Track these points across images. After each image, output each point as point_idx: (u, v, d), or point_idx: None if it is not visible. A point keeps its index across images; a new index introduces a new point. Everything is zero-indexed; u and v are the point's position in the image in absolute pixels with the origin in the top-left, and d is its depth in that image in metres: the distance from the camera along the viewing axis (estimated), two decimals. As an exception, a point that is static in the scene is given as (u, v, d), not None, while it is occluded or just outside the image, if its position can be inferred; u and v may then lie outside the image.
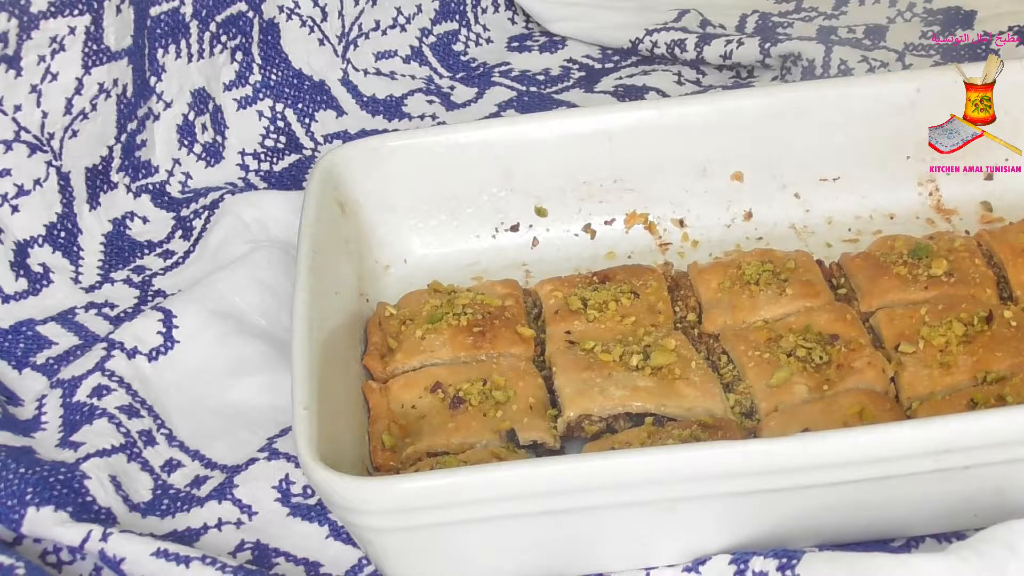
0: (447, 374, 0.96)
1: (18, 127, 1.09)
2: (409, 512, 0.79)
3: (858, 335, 0.95)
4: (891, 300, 0.99)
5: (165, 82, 1.21)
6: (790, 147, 1.12)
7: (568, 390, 0.93)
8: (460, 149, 1.11)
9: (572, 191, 1.13)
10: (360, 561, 0.88)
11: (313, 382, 0.86)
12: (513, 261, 1.12)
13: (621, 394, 0.92)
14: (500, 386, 0.94)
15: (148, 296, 1.12)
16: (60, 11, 1.08)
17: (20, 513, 0.88)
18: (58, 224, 1.12)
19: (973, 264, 1.00)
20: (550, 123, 1.12)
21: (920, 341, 0.94)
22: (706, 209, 1.14)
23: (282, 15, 1.29)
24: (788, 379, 0.92)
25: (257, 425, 0.99)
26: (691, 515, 0.81)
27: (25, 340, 1.06)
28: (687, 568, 0.84)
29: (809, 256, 1.05)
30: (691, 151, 1.12)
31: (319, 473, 0.79)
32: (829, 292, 1.01)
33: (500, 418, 0.92)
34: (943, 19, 1.39)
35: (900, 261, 1.01)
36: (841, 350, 0.94)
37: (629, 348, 0.95)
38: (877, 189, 1.13)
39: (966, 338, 0.93)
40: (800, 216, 1.13)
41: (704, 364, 0.95)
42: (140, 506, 0.93)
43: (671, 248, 1.13)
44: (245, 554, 0.89)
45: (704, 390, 0.92)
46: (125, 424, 0.96)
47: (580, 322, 1.00)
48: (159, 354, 1.03)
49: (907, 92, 1.11)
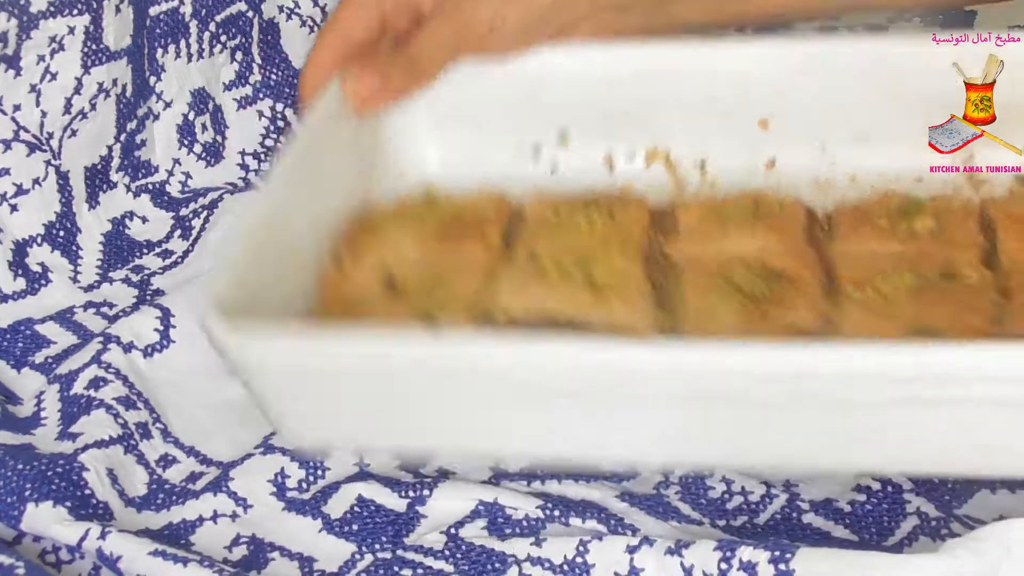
0: (402, 268, 0.95)
1: (17, 127, 1.09)
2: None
3: (809, 276, 0.93)
4: (865, 250, 0.97)
5: (165, 82, 1.22)
6: (820, 100, 1.08)
7: (494, 285, 0.93)
8: (487, 70, 1.10)
9: (597, 124, 1.12)
10: (353, 556, 0.89)
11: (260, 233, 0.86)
12: (530, 187, 1.10)
13: (541, 294, 0.91)
14: (444, 282, 0.93)
15: (147, 295, 1.12)
16: (60, 11, 1.09)
17: (20, 509, 0.88)
18: (57, 223, 1.13)
19: (964, 227, 0.98)
20: (581, 54, 1.11)
21: (868, 288, 0.92)
22: (728, 153, 1.11)
23: (282, 15, 1.29)
24: (718, 306, 0.90)
25: (254, 423, 0.99)
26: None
27: (24, 340, 1.07)
28: (669, 550, 0.83)
29: (797, 202, 1.03)
30: (718, 93, 1.10)
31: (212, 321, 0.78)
32: (799, 235, 0.99)
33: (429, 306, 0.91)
34: (943, 19, 1.39)
35: (885, 214, 0.99)
36: (785, 286, 0.92)
37: (574, 260, 0.94)
38: (908, 150, 1.08)
39: (915, 291, 0.90)
40: (824, 169, 1.09)
41: (645, 285, 0.94)
42: (136, 500, 0.93)
43: (689, 189, 1.12)
44: (241, 548, 0.90)
45: (633, 306, 0.91)
46: (123, 415, 0.97)
47: (546, 235, 0.99)
48: (154, 351, 1.03)
49: (947, 56, 1.07)
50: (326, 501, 0.92)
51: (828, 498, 0.90)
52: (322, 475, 0.94)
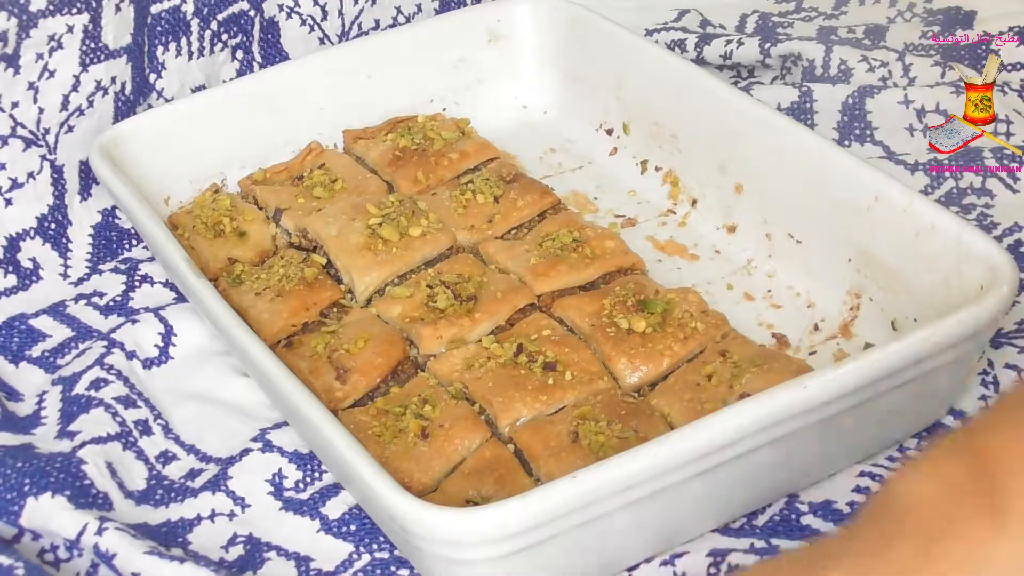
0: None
1: (14, 123, 1.09)
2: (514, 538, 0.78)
3: (476, 286, 1.03)
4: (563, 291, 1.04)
5: (165, 79, 1.22)
6: (782, 185, 1.08)
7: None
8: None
9: (653, 126, 1.19)
10: (351, 556, 0.89)
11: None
12: (585, 159, 1.24)
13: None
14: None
15: (135, 282, 1.13)
16: (59, 9, 1.09)
17: (19, 505, 0.88)
18: (49, 216, 1.13)
19: (663, 340, 0.98)
20: (659, 55, 1.19)
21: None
22: (713, 204, 1.15)
23: (282, 14, 1.29)
24: (411, 295, 1.03)
25: (251, 417, 1.00)
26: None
27: (19, 334, 1.07)
28: (664, 562, 0.85)
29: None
30: (720, 142, 1.13)
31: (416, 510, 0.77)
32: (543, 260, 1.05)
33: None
34: (943, 19, 1.39)
35: (621, 294, 1.02)
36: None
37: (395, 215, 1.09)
38: (814, 274, 1.06)
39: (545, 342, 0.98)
40: (761, 257, 1.10)
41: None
42: (135, 494, 0.93)
43: (671, 218, 1.16)
44: (237, 547, 0.90)
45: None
46: (121, 414, 0.97)
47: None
48: (152, 365, 1.04)
49: (867, 196, 1.01)
50: (324, 502, 0.92)
51: (827, 499, 0.90)
52: (319, 476, 0.94)
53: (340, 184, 1.15)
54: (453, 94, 1.27)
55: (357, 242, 1.06)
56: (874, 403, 0.86)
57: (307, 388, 0.86)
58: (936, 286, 0.95)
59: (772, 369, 0.93)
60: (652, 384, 0.96)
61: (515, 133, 1.26)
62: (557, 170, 1.23)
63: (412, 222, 1.08)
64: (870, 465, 0.92)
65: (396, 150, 1.19)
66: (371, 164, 1.19)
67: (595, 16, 1.24)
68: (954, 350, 0.87)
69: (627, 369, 0.97)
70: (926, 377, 0.87)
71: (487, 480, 0.88)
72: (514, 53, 1.28)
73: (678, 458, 0.79)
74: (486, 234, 1.11)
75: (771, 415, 0.80)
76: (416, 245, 1.07)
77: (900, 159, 1.21)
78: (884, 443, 0.93)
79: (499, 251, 1.08)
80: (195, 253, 1.08)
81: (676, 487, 0.80)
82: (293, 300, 1.02)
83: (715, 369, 0.95)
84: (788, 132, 1.06)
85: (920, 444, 0.93)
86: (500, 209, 1.12)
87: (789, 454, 0.85)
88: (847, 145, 1.24)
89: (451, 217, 1.11)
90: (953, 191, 1.17)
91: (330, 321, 1.02)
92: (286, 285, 1.03)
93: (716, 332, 0.99)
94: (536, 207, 1.13)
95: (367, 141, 1.21)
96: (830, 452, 0.89)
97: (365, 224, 1.08)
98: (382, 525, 0.87)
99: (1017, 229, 1.12)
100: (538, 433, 0.91)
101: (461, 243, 1.10)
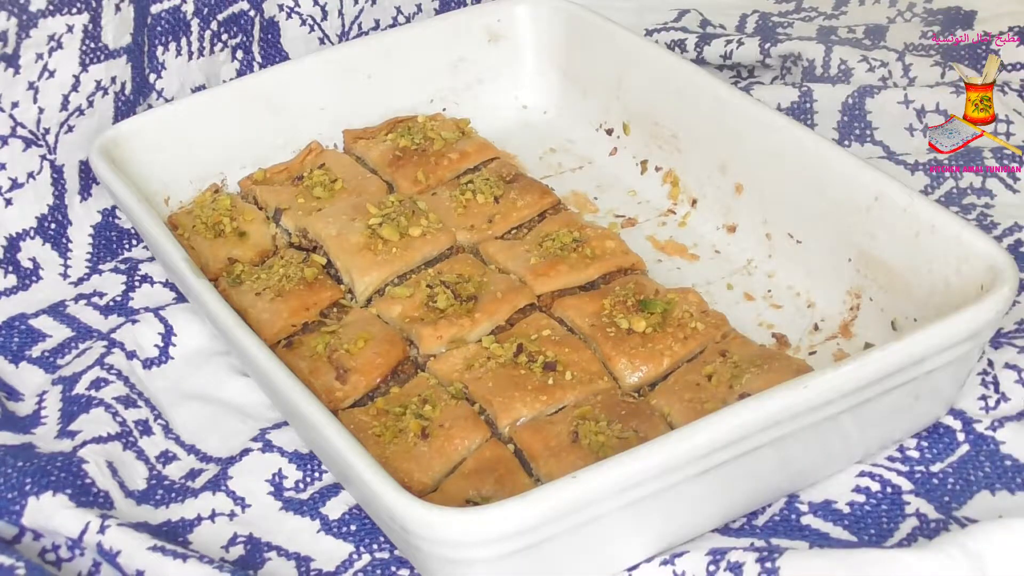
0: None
1: (15, 123, 1.09)
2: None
3: (476, 286, 1.03)
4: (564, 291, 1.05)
5: (165, 79, 1.22)
6: (782, 185, 1.08)
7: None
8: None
9: (653, 126, 1.19)
10: (351, 556, 0.89)
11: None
12: (585, 159, 1.24)
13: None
14: None
15: (135, 282, 1.13)
16: (59, 9, 1.09)
17: (21, 504, 0.88)
18: (49, 216, 1.13)
19: (663, 340, 0.98)
20: (659, 55, 1.20)
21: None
22: (713, 204, 1.15)
23: (282, 14, 1.30)
24: (411, 295, 1.03)
25: (251, 417, 1.00)
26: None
27: (19, 334, 1.07)
28: (664, 561, 0.85)
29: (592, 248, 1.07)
30: (720, 142, 1.13)
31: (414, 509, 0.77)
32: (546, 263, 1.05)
33: None
34: (943, 19, 1.39)
35: (621, 294, 1.02)
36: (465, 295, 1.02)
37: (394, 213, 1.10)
38: (814, 274, 1.06)
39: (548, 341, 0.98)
40: (761, 257, 1.10)
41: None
42: (135, 494, 0.93)
43: (671, 218, 1.16)
44: (237, 548, 0.90)
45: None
46: (121, 414, 0.97)
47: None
48: (152, 365, 1.04)
49: (867, 197, 1.01)
50: (324, 502, 0.92)
51: (827, 499, 0.90)
52: (319, 476, 0.94)
53: (340, 184, 1.15)
54: (453, 94, 1.27)
55: (357, 242, 1.07)
56: (874, 403, 0.86)
57: (307, 388, 0.86)
58: (936, 286, 0.95)
59: (772, 369, 0.93)
60: (652, 384, 0.97)
61: (515, 133, 1.27)
62: (557, 170, 1.23)
63: (412, 222, 1.08)
64: (870, 465, 0.92)
65: (396, 150, 1.19)
66: (371, 164, 1.19)
67: (595, 16, 1.24)
68: (954, 350, 0.87)
69: (627, 369, 0.97)
70: (926, 377, 0.87)
71: (487, 480, 0.88)
72: (514, 53, 1.28)
73: (678, 458, 0.79)
74: (486, 234, 1.11)
75: (771, 415, 0.81)
76: (416, 245, 1.07)
77: (900, 159, 1.21)
78: (884, 443, 0.93)
79: (499, 251, 1.08)
80: (195, 253, 1.07)
81: (676, 487, 0.80)
82: (293, 300, 1.02)
83: (715, 369, 0.95)
84: (788, 132, 1.06)
85: (920, 444, 0.93)
86: (500, 209, 1.12)
87: (789, 454, 0.85)
88: (847, 145, 1.24)
89: (451, 217, 1.11)
90: (953, 191, 1.17)
91: (330, 321, 1.02)
92: (286, 285, 1.03)
93: (716, 332, 0.99)
94: (536, 207, 1.13)
95: (367, 141, 1.21)
96: (830, 452, 0.89)
97: (365, 224, 1.08)
98: (382, 525, 0.87)
99: (1017, 229, 1.12)
100: (538, 433, 0.91)
101: (461, 243, 1.10)
